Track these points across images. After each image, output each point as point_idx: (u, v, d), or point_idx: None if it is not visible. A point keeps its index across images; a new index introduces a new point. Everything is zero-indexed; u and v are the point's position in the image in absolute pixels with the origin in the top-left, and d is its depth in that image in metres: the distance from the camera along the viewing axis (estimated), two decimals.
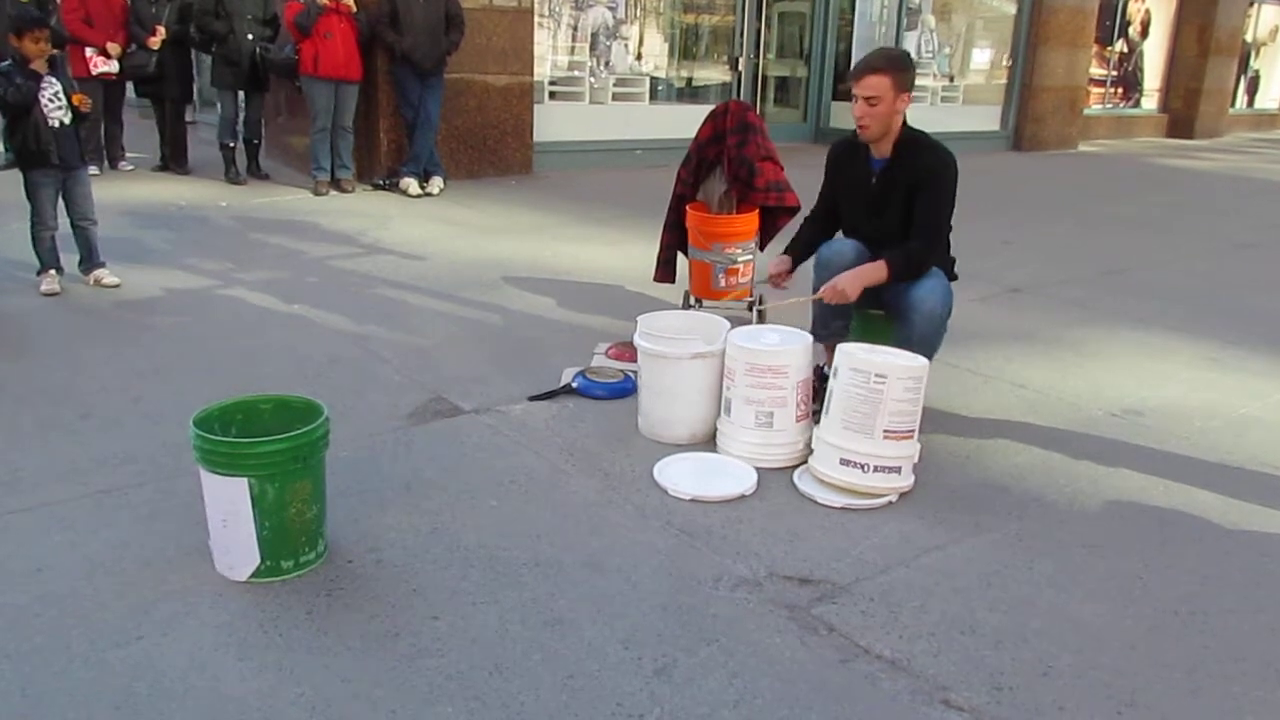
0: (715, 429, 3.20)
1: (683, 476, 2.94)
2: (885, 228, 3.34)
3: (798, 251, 3.64)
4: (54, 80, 4.51)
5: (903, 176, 3.28)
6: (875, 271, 3.22)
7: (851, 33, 11.74)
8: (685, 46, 10.61)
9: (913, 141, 3.29)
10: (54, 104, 4.49)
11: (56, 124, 4.50)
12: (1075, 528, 2.75)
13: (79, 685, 1.96)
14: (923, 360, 2.91)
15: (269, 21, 7.54)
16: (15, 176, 4.66)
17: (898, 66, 3.21)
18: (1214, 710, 2.01)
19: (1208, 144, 15.32)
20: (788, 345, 3.08)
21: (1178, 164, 12.46)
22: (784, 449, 3.07)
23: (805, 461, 3.05)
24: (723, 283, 4.30)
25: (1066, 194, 9.53)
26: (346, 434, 3.11)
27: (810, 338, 3.16)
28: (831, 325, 3.41)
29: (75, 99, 4.56)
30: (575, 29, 9.39)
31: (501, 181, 8.34)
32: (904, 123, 3.28)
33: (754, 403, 3.06)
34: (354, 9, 7.14)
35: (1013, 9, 12.59)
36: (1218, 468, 3.20)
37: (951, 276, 3.39)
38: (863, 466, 2.81)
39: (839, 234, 3.59)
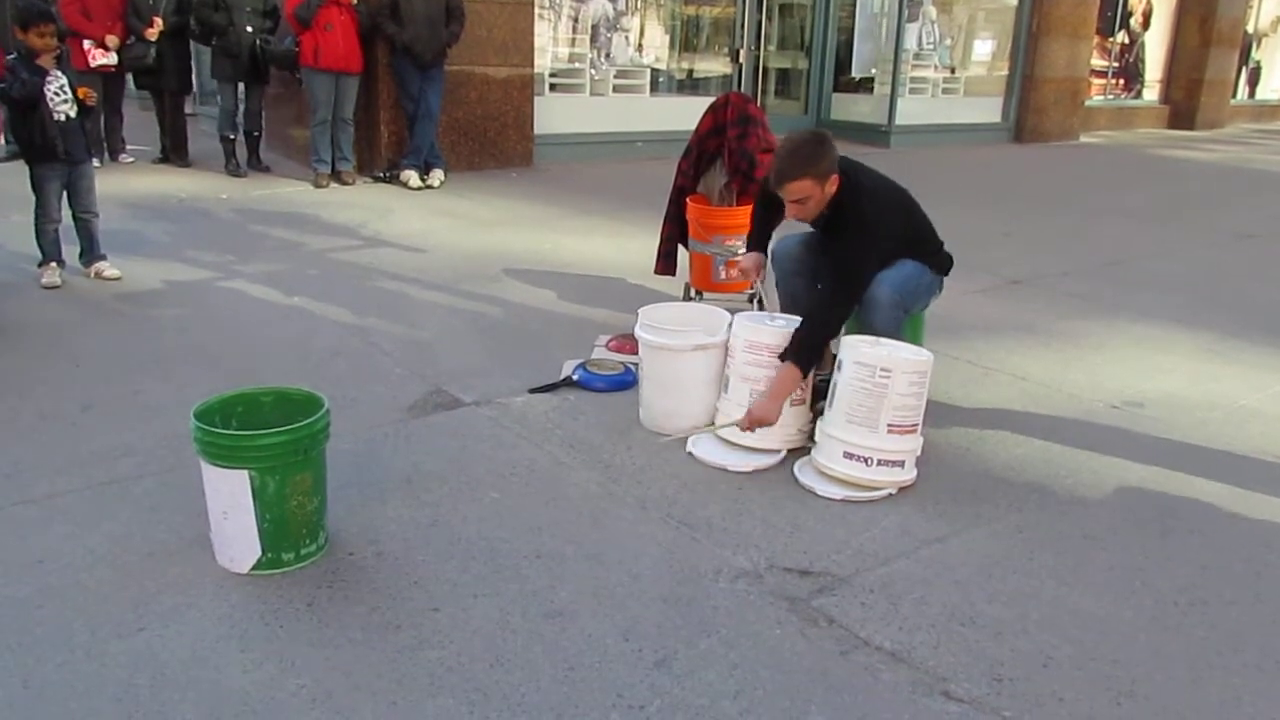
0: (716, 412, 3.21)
1: (726, 453, 3.03)
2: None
3: (761, 245, 3.57)
4: (59, 74, 4.49)
5: (840, 227, 3.17)
6: (789, 378, 3.01)
7: (853, 24, 11.72)
8: (686, 38, 10.59)
9: (842, 204, 3.14)
10: (60, 98, 4.47)
11: (63, 118, 4.49)
12: (1075, 519, 2.76)
13: (80, 677, 1.97)
14: (927, 355, 2.91)
15: (269, 13, 7.52)
16: (15, 168, 4.65)
17: (814, 162, 3.04)
18: (1213, 701, 2.02)
19: (1209, 135, 15.29)
20: (791, 326, 3.09)
21: (1179, 155, 12.44)
22: (775, 430, 3.06)
23: (797, 446, 3.07)
24: (723, 275, 4.30)
25: (1067, 186, 9.52)
26: (347, 426, 3.11)
27: None
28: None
29: (81, 93, 4.54)
30: (575, 21, 9.36)
31: (502, 174, 8.33)
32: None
33: (749, 379, 3.07)
34: (354, 1, 7.12)
35: (1014, 0, 12.55)
36: (1218, 459, 3.20)
37: (944, 264, 3.41)
38: (866, 460, 2.81)
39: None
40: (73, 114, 4.53)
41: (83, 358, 3.77)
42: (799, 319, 3.17)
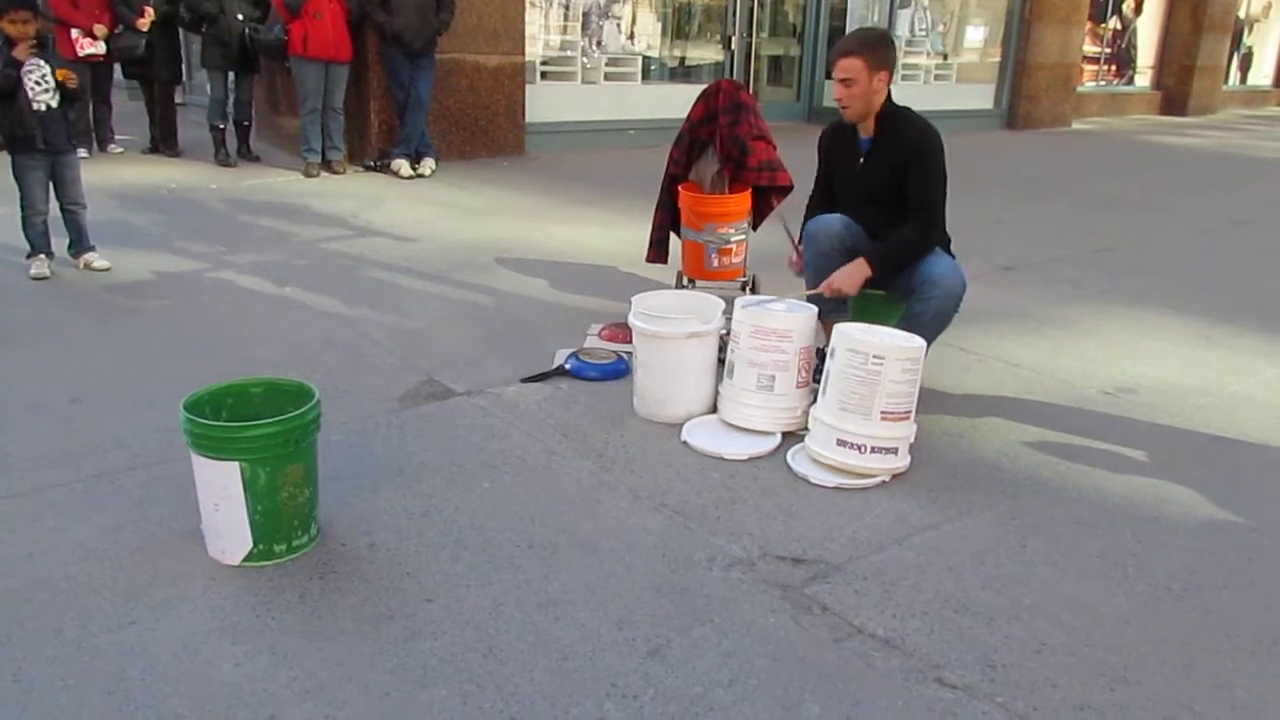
0: (713, 402, 3.23)
1: (724, 440, 3.03)
2: (877, 206, 3.36)
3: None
4: (40, 63, 4.43)
5: (889, 153, 3.32)
6: (864, 270, 3.26)
7: (845, 11, 11.68)
8: (678, 25, 10.55)
9: (895, 117, 3.33)
10: (40, 87, 4.41)
11: (43, 108, 4.43)
12: (1068, 505, 2.76)
13: (71, 670, 1.96)
14: (920, 341, 2.91)
15: (259, 2, 7.47)
16: (4, 160, 4.62)
17: (870, 47, 3.24)
18: (1206, 686, 2.02)
19: (1200, 121, 15.31)
20: (794, 311, 3.12)
21: (1171, 141, 12.44)
22: (783, 413, 3.09)
23: (803, 428, 3.07)
24: (715, 263, 4.28)
25: (1059, 172, 9.52)
26: (338, 417, 3.10)
27: (815, 309, 3.19)
28: (827, 303, 3.42)
29: (60, 74, 4.45)
30: (567, 8, 9.32)
31: (493, 163, 8.30)
32: (888, 99, 3.32)
33: (756, 365, 3.08)
34: None
35: None
36: (1210, 444, 3.21)
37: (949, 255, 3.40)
38: (859, 447, 2.81)
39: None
40: (54, 103, 4.47)
41: (72, 350, 3.75)
42: (801, 302, 3.20)
